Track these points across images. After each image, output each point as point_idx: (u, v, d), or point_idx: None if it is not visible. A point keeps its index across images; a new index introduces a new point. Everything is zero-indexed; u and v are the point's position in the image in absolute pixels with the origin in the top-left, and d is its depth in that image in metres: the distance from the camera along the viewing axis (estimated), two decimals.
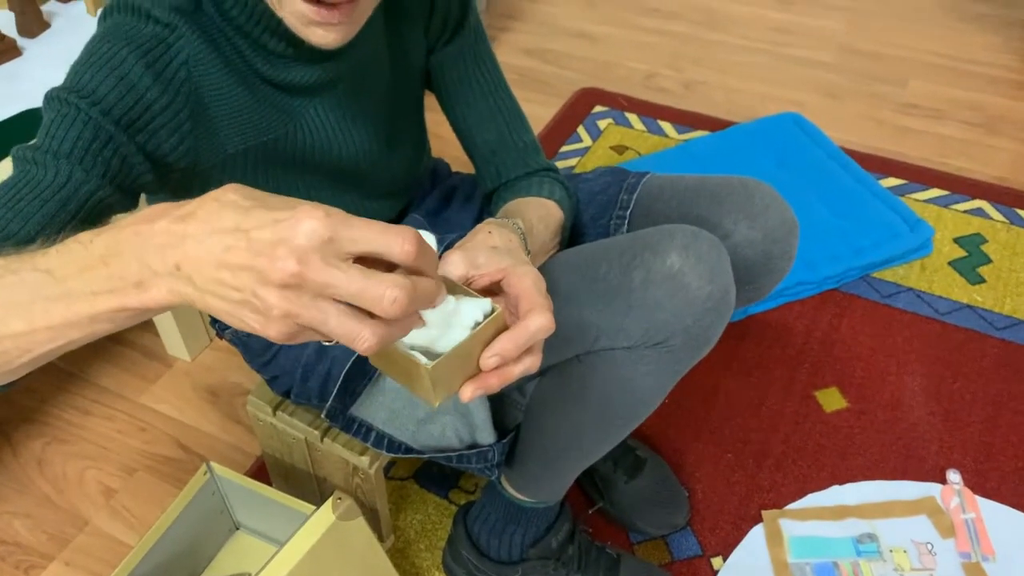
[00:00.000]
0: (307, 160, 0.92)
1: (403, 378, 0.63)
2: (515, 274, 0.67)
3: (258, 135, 0.87)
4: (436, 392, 0.61)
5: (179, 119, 0.80)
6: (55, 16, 1.49)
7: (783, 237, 0.98)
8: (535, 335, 0.63)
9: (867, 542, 1.32)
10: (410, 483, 1.40)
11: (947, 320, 1.66)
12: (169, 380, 1.60)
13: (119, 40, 0.76)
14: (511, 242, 0.82)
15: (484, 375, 0.63)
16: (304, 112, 0.89)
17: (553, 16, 2.65)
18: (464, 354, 0.61)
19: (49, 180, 0.72)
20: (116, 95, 0.75)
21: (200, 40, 0.80)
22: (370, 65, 0.93)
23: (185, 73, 0.79)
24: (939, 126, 2.15)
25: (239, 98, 0.84)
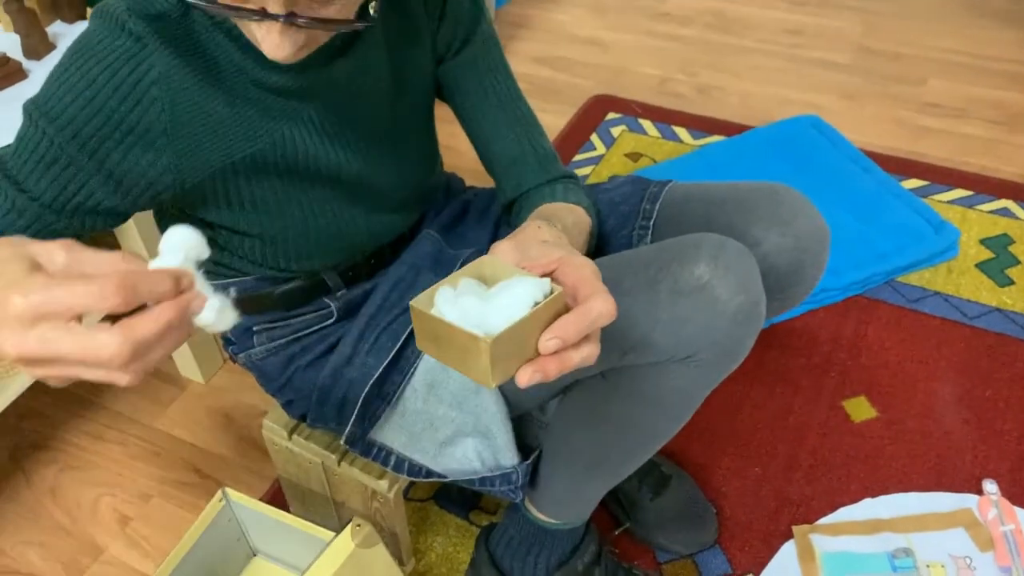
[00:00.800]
0: (302, 169, 0.88)
1: (457, 359, 0.61)
2: (571, 264, 0.65)
3: (244, 147, 0.84)
4: (494, 372, 0.58)
5: (151, 136, 0.78)
6: (60, 37, 1.47)
7: (814, 245, 0.95)
8: (597, 320, 0.60)
9: (903, 557, 1.27)
10: (430, 505, 1.37)
11: (976, 324, 1.61)
12: (183, 403, 1.57)
13: (91, 57, 0.75)
14: (559, 238, 0.79)
15: (542, 359, 0.60)
16: (295, 117, 0.85)
17: (563, 24, 2.63)
18: (523, 333, 0.59)
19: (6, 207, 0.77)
20: (84, 117, 0.75)
21: (174, 55, 0.76)
22: (368, 72, 0.89)
23: (157, 91, 0.76)
24: (961, 125, 2.11)
25: (219, 111, 0.81)
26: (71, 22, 1.50)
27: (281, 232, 0.92)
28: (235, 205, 0.89)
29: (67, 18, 1.50)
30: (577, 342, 0.61)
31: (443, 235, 1.08)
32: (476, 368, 0.59)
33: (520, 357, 0.60)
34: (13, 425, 1.56)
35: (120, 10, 0.75)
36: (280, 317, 1.02)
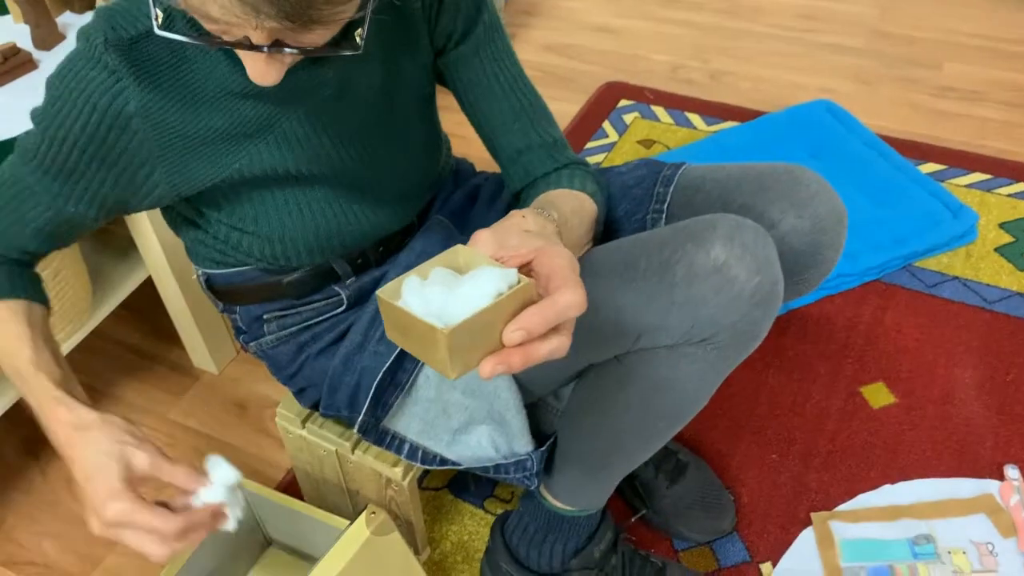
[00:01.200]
0: (298, 171, 0.87)
1: (419, 348, 0.60)
2: (547, 254, 0.63)
3: (236, 158, 0.84)
4: (453, 362, 0.57)
5: (141, 159, 0.82)
6: (70, 28, 1.47)
7: (832, 227, 0.93)
8: (564, 311, 0.59)
9: (923, 543, 1.26)
10: (444, 493, 1.36)
11: (996, 309, 1.59)
12: (196, 394, 1.57)
13: (75, 82, 0.77)
14: (544, 228, 0.78)
15: (507, 351, 0.59)
16: (287, 122, 0.84)
17: (573, 11, 2.61)
18: (485, 324, 0.57)
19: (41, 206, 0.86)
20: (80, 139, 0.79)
21: (150, 84, 0.78)
22: (358, 68, 0.87)
23: (138, 123, 0.79)
24: (977, 108, 2.08)
25: (206, 129, 0.82)
26: (80, 12, 1.50)
27: (284, 232, 0.91)
28: (236, 208, 0.90)
29: (76, 9, 1.50)
30: (545, 334, 0.60)
31: (453, 220, 1.07)
32: (436, 358, 0.58)
33: (483, 348, 0.59)
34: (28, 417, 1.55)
35: (98, 41, 0.76)
36: (290, 305, 1.01)
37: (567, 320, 0.60)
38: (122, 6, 0.78)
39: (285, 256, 0.94)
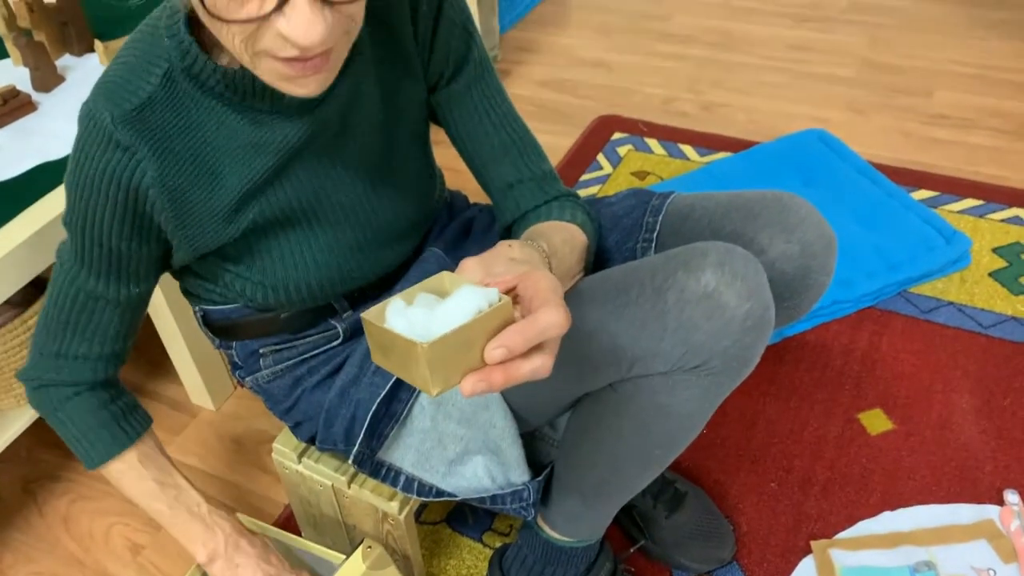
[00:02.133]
0: (304, 217, 0.89)
1: (400, 366, 0.61)
2: (530, 277, 0.64)
3: (247, 213, 0.87)
4: (433, 378, 0.58)
5: (166, 228, 0.85)
6: (70, 70, 1.49)
7: (821, 251, 0.94)
8: (545, 330, 0.59)
9: (924, 570, 1.25)
10: (442, 527, 1.36)
11: (991, 333, 1.59)
12: (194, 431, 1.57)
13: (92, 168, 0.80)
14: (531, 257, 0.78)
15: (488, 369, 0.59)
16: (294, 166, 0.86)
17: (568, 47, 2.64)
18: (465, 341, 0.58)
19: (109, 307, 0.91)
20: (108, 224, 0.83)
21: (162, 152, 0.80)
22: (358, 105, 0.89)
23: (155, 193, 0.81)
24: (968, 135, 2.10)
25: (219, 191, 0.84)
26: (79, 55, 1.52)
27: (281, 280, 0.93)
28: (242, 256, 0.91)
29: (76, 51, 1.52)
30: (527, 353, 0.60)
31: (447, 252, 1.07)
32: (417, 375, 0.59)
33: (464, 366, 0.59)
34: (25, 456, 1.56)
35: (105, 121, 0.78)
36: (286, 339, 1.02)
37: (550, 340, 0.60)
38: (118, 78, 0.80)
39: (288, 300, 0.95)
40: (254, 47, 0.69)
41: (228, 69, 0.78)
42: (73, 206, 0.83)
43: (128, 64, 0.80)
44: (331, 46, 0.71)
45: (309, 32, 0.66)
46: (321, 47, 0.69)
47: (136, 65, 0.80)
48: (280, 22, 0.66)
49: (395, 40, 0.91)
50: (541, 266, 0.76)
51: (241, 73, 0.78)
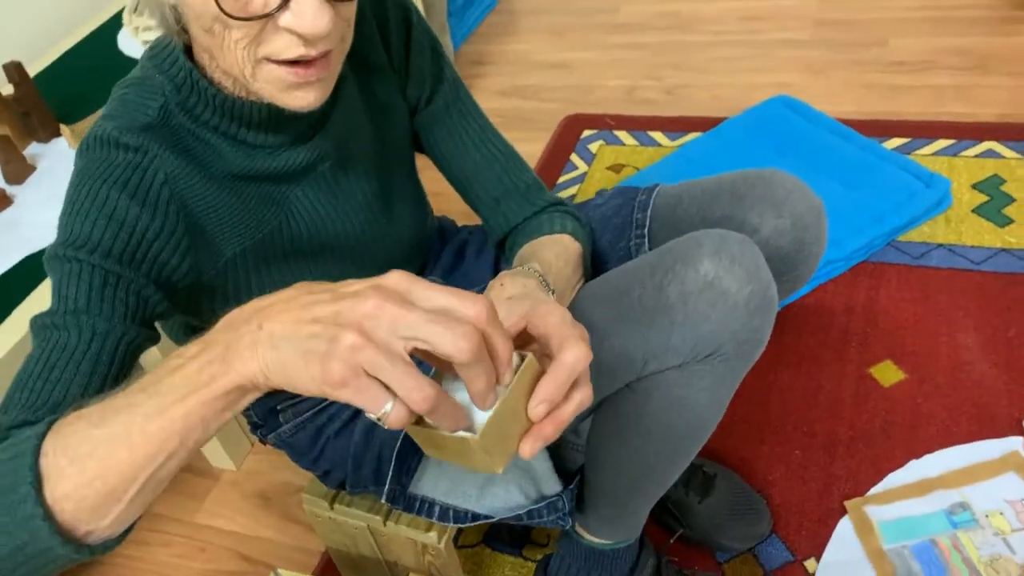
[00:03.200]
0: (305, 246, 0.89)
1: (459, 458, 0.60)
2: (537, 315, 0.64)
3: (252, 233, 0.85)
4: (495, 460, 0.58)
5: (176, 238, 0.79)
6: (39, 158, 1.49)
7: (812, 221, 0.95)
8: (574, 369, 0.59)
9: (960, 512, 1.26)
10: (481, 548, 1.36)
11: (985, 268, 1.61)
12: (219, 493, 1.57)
13: (96, 179, 0.75)
14: (526, 287, 0.79)
15: (538, 426, 0.59)
16: (293, 198, 0.87)
17: (523, 53, 2.66)
18: (509, 412, 0.58)
19: (75, 340, 0.72)
20: (110, 235, 0.74)
21: (174, 154, 0.78)
22: (353, 136, 0.91)
23: (168, 192, 0.78)
24: (930, 77, 2.13)
25: (226, 202, 0.82)
26: (47, 141, 1.52)
27: None
28: (242, 295, 0.88)
29: (42, 138, 1.52)
30: (566, 394, 0.60)
31: (446, 279, 1.08)
32: (479, 462, 0.58)
33: (516, 433, 0.59)
34: None
35: (109, 131, 0.76)
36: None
37: (581, 374, 0.61)
38: (116, 112, 0.79)
39: None
40: (256, 53, 0.70)
41: (227, 97, 0.78)
42: (69, 226, 0.74)
43: (124, 100, 0.80)
44: (331, 47, 0.72)
45: (316, 21, 0.67)
46: (325, 41, 0.70)
47: (132, 101, 0.79)
48: (285, 18, 0.67)
49: (375, 71, 0.93)
50: (540, 294, 0.76)
51: (240, 102, 0.78)
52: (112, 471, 0.56)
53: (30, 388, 0.70)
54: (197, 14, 0.69)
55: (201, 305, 0.87)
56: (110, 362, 0.73)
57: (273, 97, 0.74)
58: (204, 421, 0.55)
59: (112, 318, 0.73)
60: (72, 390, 0.70)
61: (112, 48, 1.76)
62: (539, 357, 0.61)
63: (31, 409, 0.69)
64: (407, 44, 0.94)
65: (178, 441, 0.56)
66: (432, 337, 0.50)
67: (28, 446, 0.58)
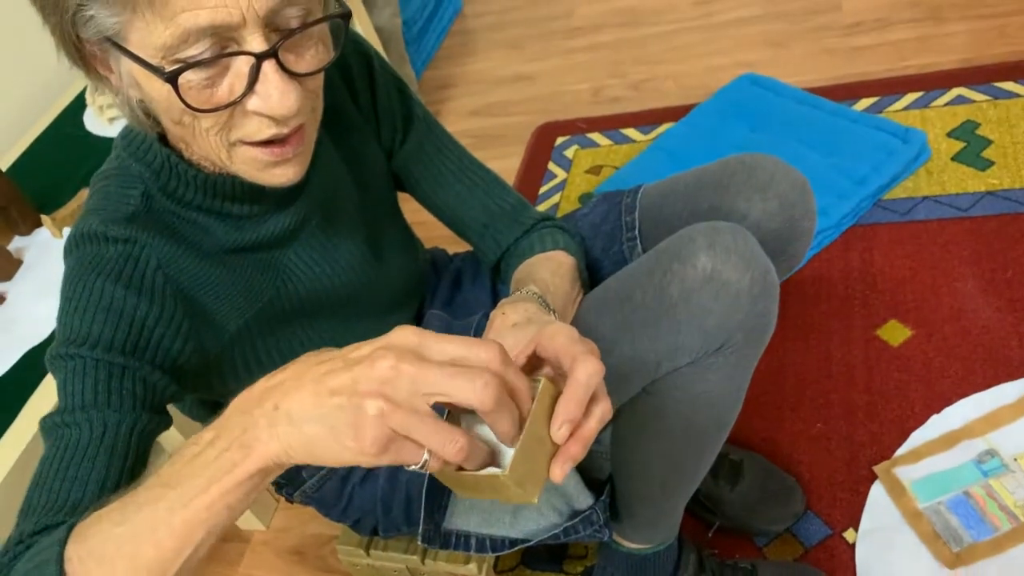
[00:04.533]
0: (305, 306, 0.90)
1: (492, 494, 0.60)
2: (544, 337, 0.64)
3: (252, 304, 0.85)
4: (528, 490, 0.58)
5: (176, 322, 0.78)
6: (24, 251, 1.49)
7: (799, 198, 0.96)
8: (589, 384, 0.60)
9: (988, 459, 1.26)
10: (521, 571, 1.35)
11: (973, 214, 1.62)
12: (253, 556, 1.56)
13: (89, 274, 0.75)
14: (528, 311, 0.79)
15: (564, 448, 0.59)
16: (287, 261, 0.87)
17: (485, 71, 2.66)
18: (534, 440, 0.58)
19: (87, 436, 0.72)
20: (110, 327, 0.74)
21: (163, 239, 0.78)
22: (335, 191, 0.91)
23: (162, 278, 0.78)
24: (888, 34, 2.14)
25: (221, 278, 0.82)
26: (28, 233, 1.52)
27: None
28: (252, 369, 0.88)
29: (23, 231, 1.52)
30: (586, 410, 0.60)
31: (446, 310, 1.08)
32: (513, 495, 0.58)
33: (544, 459, 0.59)
34: None
35: (95, 227, 0.76)
36: None
37: (597, 387, 0.61)
38: (97, 205, 0.79)
39: None
40: (229, 137, 0.70)
41: (207, 176, 0.78)
42: (68, 325, 0.74)
43: (105, 192, 0.80)
44: (303, 121, 0.72)
45: (283, 101, 0.67)
46: (296, 118, 0.70)
47: (113, 193, 0.79)
48: (253, 102, 0.68)
49: (346, 121, 0.93)
50: (543, 316, 0.77)
51: (221, 178, 0.79)
52: (141, 569, 0.56)
53: (48, 489, 0.70)
54: (164, 108, 0.70)
55: (212, 381, 0.87)
56: (125, 453, 0.73)
57: (252, 177, 0.74)
58: (229, 508, 0.55)
59: (121, 409, 0.73)
60: (90, 487, 0.70)
61: (80, 129, 1.76)
62: (553, 379, 0.61)
63: (51, 512, 0.69)
64: (372, 89, 0.95)
65: (205, 531, 0.55)
66: (454, 391, 0.50)
67: (51, 554, 0.58)
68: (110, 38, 0.66)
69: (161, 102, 0.69)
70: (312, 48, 0.70)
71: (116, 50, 0.67)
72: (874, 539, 1.23)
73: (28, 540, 0.66)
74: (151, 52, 0.65)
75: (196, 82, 0.66)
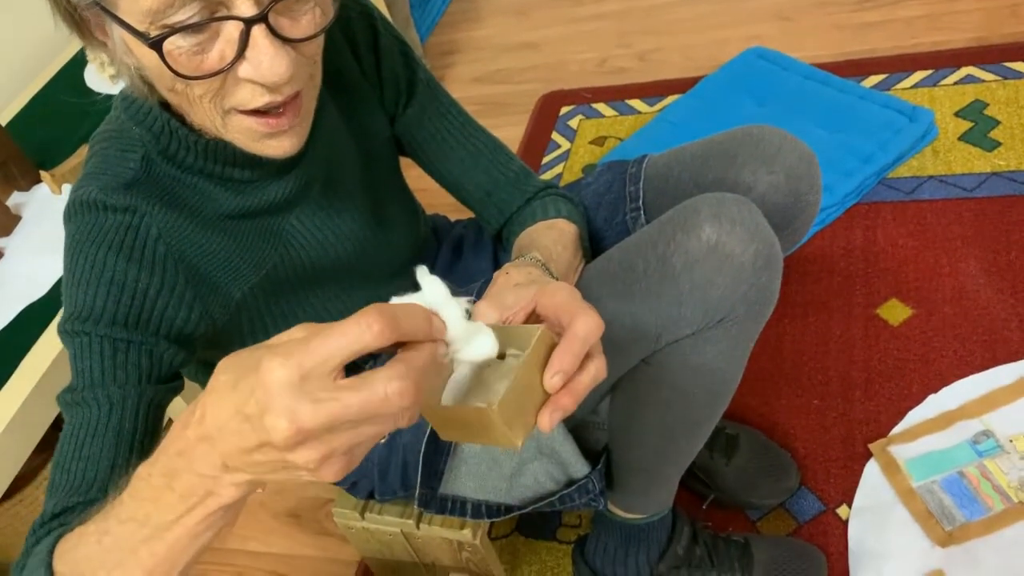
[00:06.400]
0: (309, 272, 0.89)
1: (477, 435, 0.60)
2: (545, 294, 0.64)
3: (256, 270, 0.85)
4: (513, 431, 0.58)
5: (178, 292, 0.78)
6: (23, 206, 1.48)
7: (805, 172, 0.95)
8: (587, 339, 0.59)
9: (984, 440, 1.27)
10: (515, 537, 1.36)
11: (978, 195, 1.61)
12: (248, 516, 1.57)
13: (90, 245, 0.75)
14: (531, 274, 0.79)
15: (555, 397, 0.59)
16: (290, 228, 0.86)
17: (490, 38, 2.64)
18: (524, 383, 0.58)
19: (96, 415, 0.74)
20: (113, 301, 0.75)
21: (163, 207, 0.77)
22: (337, 156, 0.90)
23: (163, 247, 0.77)
24: (898, 10, 2.11)
25: (224, 244, 0.82)
26: (27, 189, 1.51)
27: None
28: (259, 336, 0.89)
29: (22, 186, 1.51)
30: (581, 365, 0.60)
31: (447, 277, 1.07)
32: (497, 436, 0.58)
33: (533, 405, 0.59)
34: None
35: (94, 195, 0.76)
36: None
37: (594, 345, 0.61)
38: (97, 168, 0.78)
39: None
40: (223, 104, 0.69)
41: (208, 140, 0.78)
42: (72, 297, 0.75)
43: (104, 155, 0.79)
44: (299, 88, 0.71)
45: (274, 66, 0.66)
46: (289, 85, 0.69)
47: (112, 156, 0.78)
48: (243, 69, 0.66)
49: (349, 84, 0.92)
50: (547, 278, 0.76)
51: (221, 143, 0.78)
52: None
53: (65, 469, 0.73)
54: (156, 76, 0.69)
55: (221, 347, 0.87)
56: (133, 428, 0.74)
57: (247, 147, 0.73)
58: (212, 526, 0.55)
59: (127, 384, 0.75)
60: (103, 463, 0.72)
61: (81, 85, 1.75)
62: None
63: (69, 492, 0.72)
64: (376, 52, 0.93)
65: (192, 552, 0.56)
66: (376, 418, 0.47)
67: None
68: (98, 2, 0.65)
69: (152, 69, 0.68)
70: (308, 12, 0.68)
71: (106, 15, 0.65)
72: (867, 516, 1.24)
73: (48, 524, 0.70)
74: (138, 18, 0.63)
75: (185, 48, 0.64)
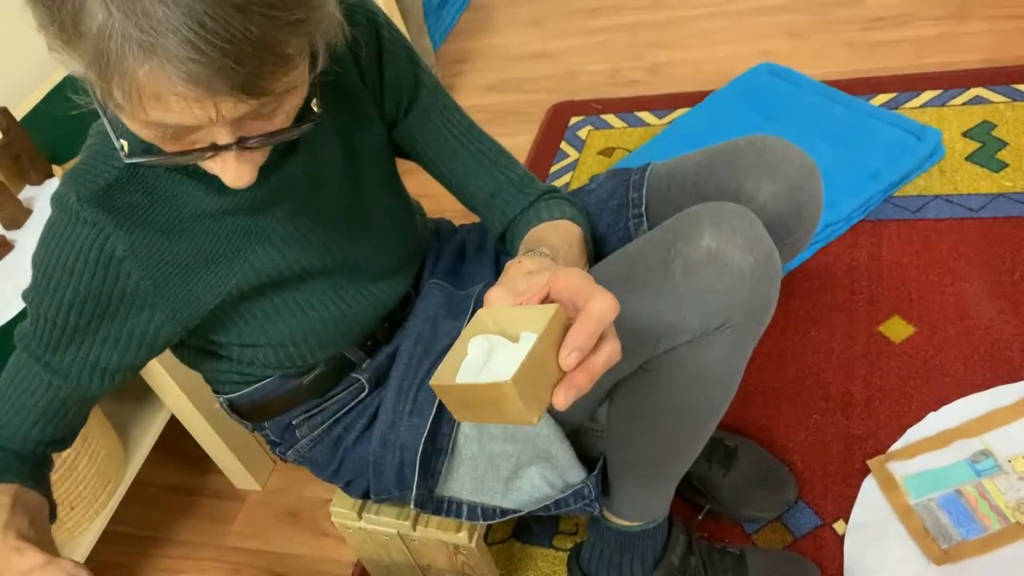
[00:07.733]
0: (296, 271, 0.90)
1: (493, 413, 0.61)
2: (558, 278, 0.65)
3: (229, 278, 0.86)
4: (529, 407, 0.58)
5: (140, 302, 0.82)
6: (35, 200, 1.49)
7: (807, 183, 0.96)
8: (603, 318, 0.60)
9: (982, 460, 1.27)
10: (512, 543, 1.37)
11: (983, 215, 1.61)
12: (247, 515, 1.58)
13: (61, 243, 0.79)
14: (543, 263, 0.79)
15: (571, 375, 0.60)
16: (270, 229, 0.87)
17: (503, 47, 2.65)
18: (539, 360, 0.59)
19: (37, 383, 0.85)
20: (77, 301, 0.80)
21: (131, 226, 0.79)
22: (321, 160, 0.90)
23: (128, 265, 0.80)
24: (909, 30, 2.12)
25: (194, 257, 0.83)
26: (39, 183, 1.52)
27: (287, 336, 0.93)
28: (242, 326, 0.91)
29: (35, 181, 1.53)
30: (596, 346, 0.61)
31: (448, 280, 1.09)
32: (512, 412, 0.59)
33: (548, 383, 0.60)
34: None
35: (71, 201, 0.78)
36: (315, 404, 1.03)
37: (608, 326, 0.62)
38: (85, 164, 0.80)
39: (300, 357, 0.96)
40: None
41: None
42: (37, 282, 0.81)
43: (93, 149, 0.82)
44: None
45: (238, 178, 0.69)
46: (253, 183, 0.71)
47: (100, 150, 0.81)
48: (210, 164, 0.69)
49: (344, 88, 0.92)
50: (558, 265, 0.77)
51: None
52: None
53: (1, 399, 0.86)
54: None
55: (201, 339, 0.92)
56: (67, 411, 0.87)
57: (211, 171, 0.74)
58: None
59: (68, 372, 0.84)
60: (31, 417, 0.86)
61: None
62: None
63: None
64: (379, 55, 0.93)
65: None
66: None
67: None
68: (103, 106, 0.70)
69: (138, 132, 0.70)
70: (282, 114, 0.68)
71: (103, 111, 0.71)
72: (863, 532, 1.24)
73: None
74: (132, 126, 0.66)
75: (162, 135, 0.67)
